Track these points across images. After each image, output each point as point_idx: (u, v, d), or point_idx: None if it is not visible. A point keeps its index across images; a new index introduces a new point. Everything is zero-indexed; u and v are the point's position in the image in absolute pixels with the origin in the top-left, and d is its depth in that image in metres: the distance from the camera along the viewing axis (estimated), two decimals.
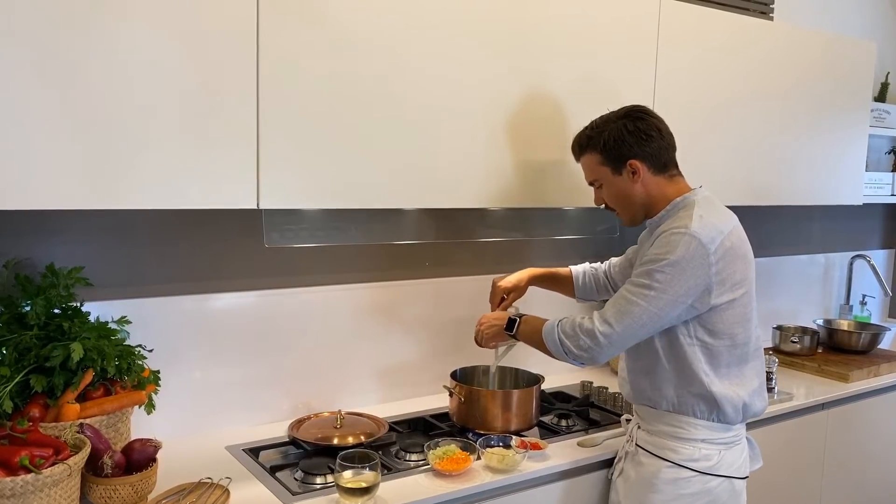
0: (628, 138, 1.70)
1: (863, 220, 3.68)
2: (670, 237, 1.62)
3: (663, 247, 1.62)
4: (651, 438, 1.77)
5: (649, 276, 1.61)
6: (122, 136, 1.44)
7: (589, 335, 1.64)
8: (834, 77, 2.71)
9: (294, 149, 1.64)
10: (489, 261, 2.46)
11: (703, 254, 1.59)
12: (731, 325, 1.66)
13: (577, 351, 1.66)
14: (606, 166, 1.74)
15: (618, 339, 1.63)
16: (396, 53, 1.74)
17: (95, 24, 1.39)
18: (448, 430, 2.05)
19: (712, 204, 1.71)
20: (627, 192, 1.74)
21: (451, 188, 1.88)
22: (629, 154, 1.71)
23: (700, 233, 1.60)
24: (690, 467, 1.71)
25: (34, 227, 1.74)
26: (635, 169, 1.71)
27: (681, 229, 1.61)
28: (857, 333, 2.99)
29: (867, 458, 2.76)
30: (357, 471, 1.60)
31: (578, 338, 1.66)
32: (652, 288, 1.60)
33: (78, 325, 1.64)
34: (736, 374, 1.71)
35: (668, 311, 1.61)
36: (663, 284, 1.59)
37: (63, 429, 1.53)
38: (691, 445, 1.72)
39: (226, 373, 2.01)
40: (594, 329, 1.64)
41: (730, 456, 1.74)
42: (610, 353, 1.66)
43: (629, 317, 1.61)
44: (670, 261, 1.59)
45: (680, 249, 1.59)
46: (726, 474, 1.72)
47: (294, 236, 2.04)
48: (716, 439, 1.72)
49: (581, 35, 2.05)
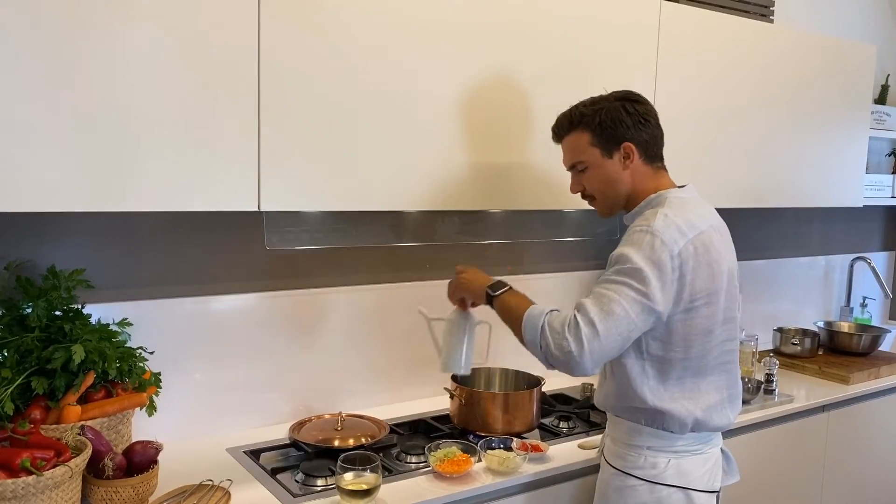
0: (626, 119, 1.60)
1: (863, 222, 3.68)
2: (633, 235, 1.52)
3: (627, 245, 1.52)
4: (610, 445, 1.71)
5: (624, 275, 1.48)
6: (124, 138, 1.44)
7: (574, 337, 1.45)
8: (834, 79, 2.71)
9: (295, 151, 1.64)
10: (490, 263, 2.46)
11: (665, 254, 1.48)
12: (685, 337, 1.54)
13: (557, 352, 1.47)
14: (597, 147, 1.62)
15: (600, 347, 1.45)
16: (397, 56, 1.75)
17: (97, 28, 1.39)
18: (449, 433, 2.05)
19: (684, 204, 1.59)
20: (615, 178, 1.63)
21: (452, 190, 1.88)
22: (625, 136, 1.60)
23: (661, 231, 1.49)
24: (634, 475, 1.62)
25: (35, 230, 1.74)
26: (629, 153, 1.61)
27: (643, 227, 1.52)
28: (858, 335, 2.99)
29: (868, 460, 2.75)
30: (358, 473, 1.60)
31: (562, 336, 1.47)
32: (630, 286, 1.47)
33: (79, 328, 1.64)
34: (691, 388, 1.59)
35: (644, 319, 1.48)
36: (640, 284, 1.46)
37: (64, 431, 1.53)
38: (636, 452, 1.63)
39: (227, 375, 2.01)
40: (580, 330, 1.45)
41: (684, 465, 1.61)
42: (588, 365, 1.46)
43: (612, 318, 1.45)
44: (637, 259, 1.47)
45: (645, 248, 1.49)
46: (678, 484, 1.60)
47: (295, 239, 2.04)
48: (663, 447, 1.61)
49: (582, 38, 2.05)
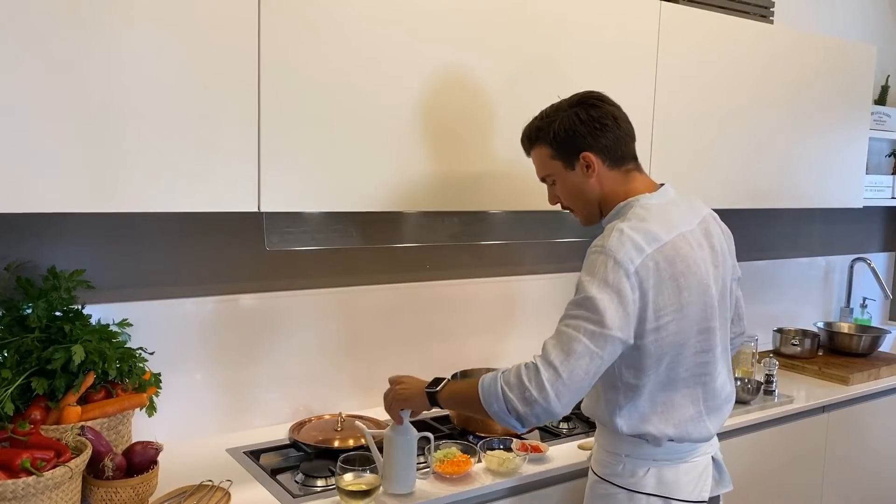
0: (580, 128, 1.52)
1: (863, 223, 3.68)
2: (589, 257, 1.45)
3: (584, 270, 1.44)
4: (595, 450, 1.67)
5: (583, 307, 1.40)
6: (124, 139, 1.44)
7: (536, 384, 1.37)
8: (834, 80, 2.71)
9: (295, 152, 1.64)
10: (489, 263, 2.46)
11: (622, 275, 1.39)
12: (657, 357, 1.46)
13: (523, 407, 1.38)
14: (558, 160, 1.56)
15: (564, 387, 1.37)
16: (398, 56, 1.75)
17: (97, 28, 1.39)
18: (448, 433, 2.05)
19: (649, 213, 1.48)
20: (581, 188, 1.56)
21: (452, 191, 1.88)
22: (582, 146, 1.52)
23: (615, 250, 1.40)
24: (614, 482, 1.56)
25: (36, 230, 1.74)
26: (589, 162, 1.53)
27: (598, 247, 1.44)
28: (858, 336, 2.99)
29: (868, 460, 2.75)
30: (358, 473, 1.60)
31: (525, 388, 1.38)
32: (590, 321, 1.38)
33: (79, 328, 1.65)
34: (662, 403, 1.51)
35: (612, 350, 1.40)
36: (600, 315, 1.38)
37: (64, 431, 1.53)
38: (615, 459, 1.57)
39: (227, 375, 2.01)
40: (540, 375, 1.37)
41: (665, 473, 1.54)
42: (558, 408, 1.37)
43: (573, 357, 1.37)
44: (596, 284, 1.39)
45: (598, 272, 1.40)
46: (658, 493, 1.53)
47: (295, 239, 2.04)
48: (641, 455, 1.54)
49: (581, 39, 2.05)
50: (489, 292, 2.44)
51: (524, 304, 2.52)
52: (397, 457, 1.63)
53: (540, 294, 2.56)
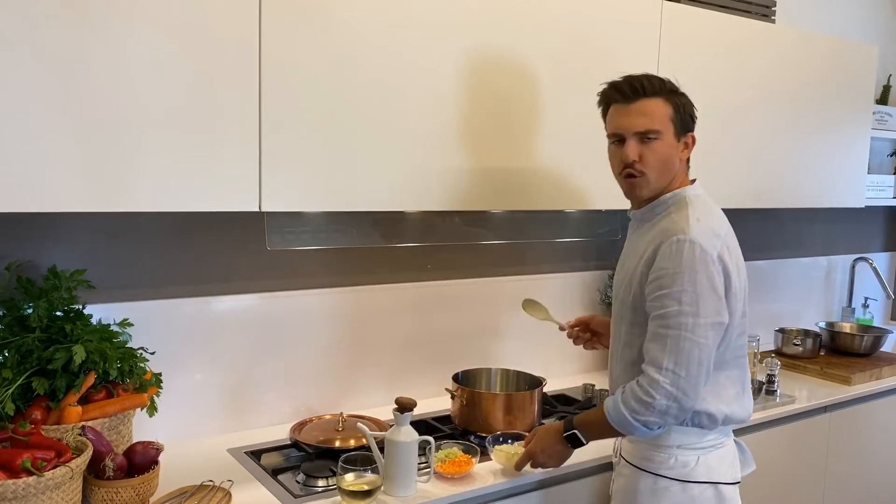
0: (694, 112, 1.65)
1: (865, 222, 3.68)
2: (669, 246, 1.52)
3: (668, 259, 1.51)
4: (631, 447, 1.70)
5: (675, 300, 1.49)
6: (125, 138, 1.44)
7: (662, 393, 1.48)
8: (836, 80, 2.71)
9: (296, 152, 1.64)
10: (491, 263, 2.46)
11: (709, 261, 1.49)
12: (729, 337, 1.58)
13: (658, 418, 1.50)
14: (674, 125, 1.60)
15: (688, 381, 1.48)
16: (398, 56, 1.74)
17: (98, 28, 1.39)
18: (450, 433, 2.05)
19: (707, 204, 1.62)
20: (672, 160, 1.61)
21: (454, 191, 1.88)
22: (692, 127, 1.65)
23: (699, 238, 1.50)
24: (667, 475, 1.62)
25: (36, 230, 1.74)
26: (689, 142, 1.65)
27: (678, 235, 1.51)
28: (860, 336, 2.99)
29: (869, 460, 2.75)
30: (359, 473, 1.60)
31: (651, 403, 1.49)
32: (684, 314, 1.48)
33: (80, 328, 1.64)
34: (712, 384, 1.59)
35: (714, 336, 1.51)
36: (693, 306, 1.48)
37: (65, 431, 1.53)
38: (666, 452, 1.63)
39: (228, 375, 2.01)
40: (659, 383, 1.48)
41: (710, 460, 1.63)
42: (691, 400, 1.50)
43: (683, 354, 1.48)
44: (684, 276, 1.48)
45: (686, 261, 1.49)
46: (708, 480, 1.62)
47: (296, 239, 2.04)
48: (692, 444, 1.62)
49: (583, 38, 2.05)
50: (490, 292, 2.44)
51: None
52: (399, 458, 1.63)
53: (542, 293, 2.56)
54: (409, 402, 1.67)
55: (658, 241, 1.56)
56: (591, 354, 2.71)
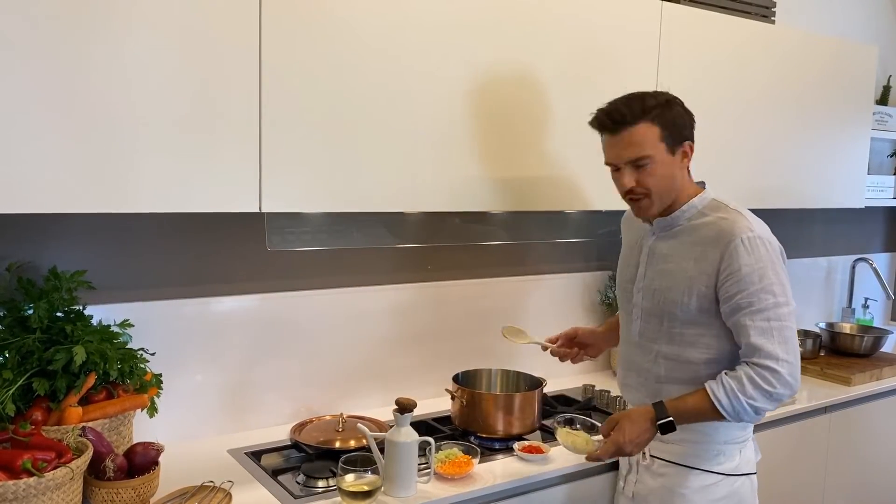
0: (686, 118, 1.62)
1: (865, 223, 3.68)
2: (743, 245, 1.55)
3: (745, 257, 1.55)
4: (669, 447, 1.71)
5: (770, 293, 1.55)
6: (125, 139, 1.44)
7: (781, 383, 1.53)
8: (836, 80, 2.71)
9: (296, 152, 1.64)
10: (491, 264, 2.46)
11: (778, 253, 1.61)
12: None
13: (776, 404, 1.56)
14: (664, 142, 1.58)
15: (797, 368, 1.56)
16: (400, 57, 1.75)
17: (98, 30, 1.39)
18: (450, 434, 2.05)
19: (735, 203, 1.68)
20: (674, 175, 1.61)
21: (453, 192, 1.88)
22: (688, 135, 1.62)
23: (763, 232, 1.60)
24: (716, 471, 1.69)
25: (37, 231, 1.74)
26: (687, 152, 1.62)
27: (745, 234, 1.56)
28: (860, 337, 2.99)
29: (869, 461, 2.75)
30: (359, 474, 1.60)
31: (772, 393, 1.53)
32: (781, 305, 1.56)
33: (80, 329, 1.64)
34: None
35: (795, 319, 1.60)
36: (787, 297, 1.58)
37: (65, 432, 1.53)
38: (715, 448, 1.69)
39: (228, 376, 2.01)
40: (779, 373, 1.53)
41: (747, 453, 1.73)
42: (797, 388, 1.57)
43: (791, 342, 1.56)
44: (770, 270, 1.56)
45: (766, 257, 1.57)
46: (747, 472, 1.72)
47: (296, 240, 2.04)
48: (735, 439, 1.70)
49: (583, 39, 2.05)
50: (490, 293, 2.44)
51: (526, 304, 2.52)
52: (399, 459, 1.63)
53: (543, 294, 2.56)
54: (409, 402, 1.67)
55: (720, 243, 1.58)
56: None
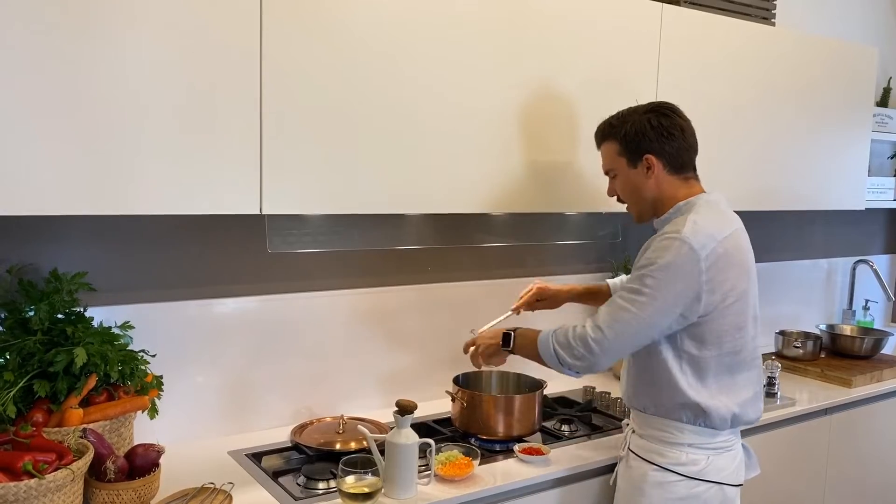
0: (650, 133, 1.69)
1: (865, 225, 3.68)
2: (662, 242, 1.62)
3: (654, 251, 1.62)
4: (641, 442, 1.76)
5: (640, 282, 1.61)
6: (126, 141, 1.44)
7: (582, 343, 1.63)
8: (836, 82, 2.71)
9: (297, 154, 1.64)
10: (491, 266, 2.46)
11: (693, 259, 1.57)
12: (719, 334, 1.64)
13: (572, 360, 1.65)
14: (623, 157, 1.73)
15: (609, 346, 1.62)
16: (399, 60, 1.75)
17: (99, 31, 1.39)
18: (450, 436, 2.05)
19: (712, 209, 1.69)
20: (639, 187, 1.73)
21: (453, 193, 1.88)
22: (647, 148, 1.70)
23: (691, 238, 1.58)
24: (676, 471, 1.69)
25: (38, 233, 1.75)
26: (650, 164, 1.70)
27: (672, 234, 1.61)
28: (860, 338, 2.99)
29: (870, 463, 2.75)
30: (359, 476, 1.60)
31: (572, 347, 1.65)
32: (642, 293, 1.59)
33: (81, 330, 1.65)
34: (727, 385, 1.68)
35: (659, 319, 1.60)
36: (653, 290, 1.58)
37: (66, 434, 1.53)
38: (678, 449, 1.70)
39: (228, 378, 2.01)
40: (587, 336, 1.63)
41: (720, 461, 1.70)
42: (604, 362, 1.64)
43: (620, 323, 1.61)
44: (660, 265, 1.58)
45: (670, 254, 1.58)
46: (715, 480, 1.69)
47: (297, 242, 2.05)
48: (703, 444, 1.70)
49: (583, 41, 2.05)
50: (490, 294, 2.44)
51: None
52: (399, 461, 1.63)
53: None
54: (410, 404, 1.67)
55: (654, 239, 1.67)
56: None
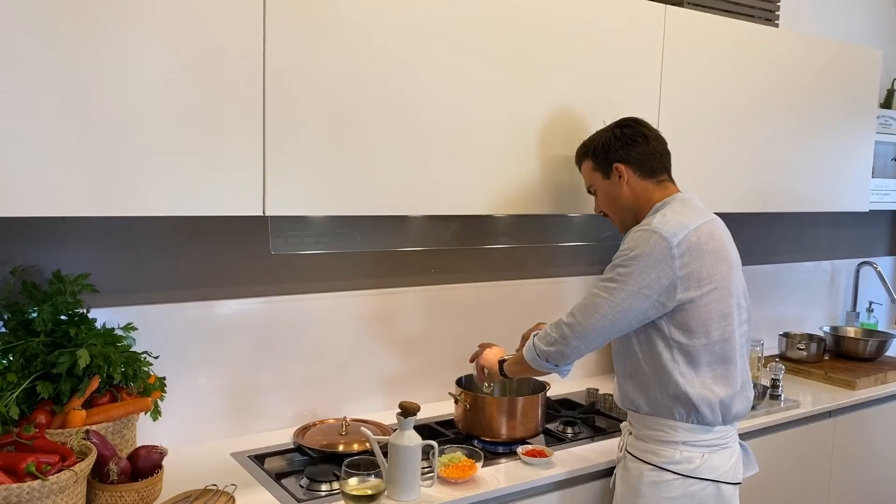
0: (615, 143, 1.79)
1: (869, 226, 3.67)
2: (634, 234, 1.68)
3: (627, 243, 1.67)
4: (637, 443, 1.76)
5: (612, 270, 1.66)
6: (129, 143, 1.44)
7: (556, 329, 1.70)
8: (840, 84, 2.71)
9: (300, 156, 1.64)
10: (493, 267, 2.46)
11: (664, 247, 1.61)
12: (704, 321, 1.65)
13: (546, 347, 1.70)
14: (598, 171, 1.83)
15: (582, 329, 1.66)
16: (402, 62, 1.75)
17: (103, 32, 1.40)
18: (453, 437, 2.05)
19: (685, 205, 1.73)
20: (615, 195, 1.81)
21: (456, 195, 1.88)
22: (615, 157, 1.79)
23: (661, 228, 1.64)
24: (671, 469, 1.69)
25: (41, 234, 1.75)
26: (621, 172, 1.78)
27: (643, 227, 1.67)
28: (864, 340, 2.98)
29: (874, 465, 2.74)
30: (362, 478, 1.60)
31: (547, 335, 1.72)
32: (614, 280, 1.64)
33: (84, 332, 1.65)
34: (721, 375, 1.69)
35: (632, 304, 1.63)
36: (624, 277, 1.63)
37: (69, 435, 1.53)
38: (672, 448, 1.70)
39: (231, 379, 2.01)
40: (561, 322, 1.70)
41: (715, 459, 1.71)
42: (580, 347, 1.68)
43: (592, 308, 1.65)
44: (631, 256, 1.63)
45: (641, 244, 1.63)
46: (710, 478, 1.69)
47: (299, 243, 2.05)
48: (697, 441, 1.70)
49: (585, 42, 2.05)
50: (493, 296, 2.44)
51: (528, 307, 2.52)
52: (402, 462, 1.63)
53: (544, 297, 2.56)
54: (413, 406, 1.67)
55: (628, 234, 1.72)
56: (593, 358, 2.71)
